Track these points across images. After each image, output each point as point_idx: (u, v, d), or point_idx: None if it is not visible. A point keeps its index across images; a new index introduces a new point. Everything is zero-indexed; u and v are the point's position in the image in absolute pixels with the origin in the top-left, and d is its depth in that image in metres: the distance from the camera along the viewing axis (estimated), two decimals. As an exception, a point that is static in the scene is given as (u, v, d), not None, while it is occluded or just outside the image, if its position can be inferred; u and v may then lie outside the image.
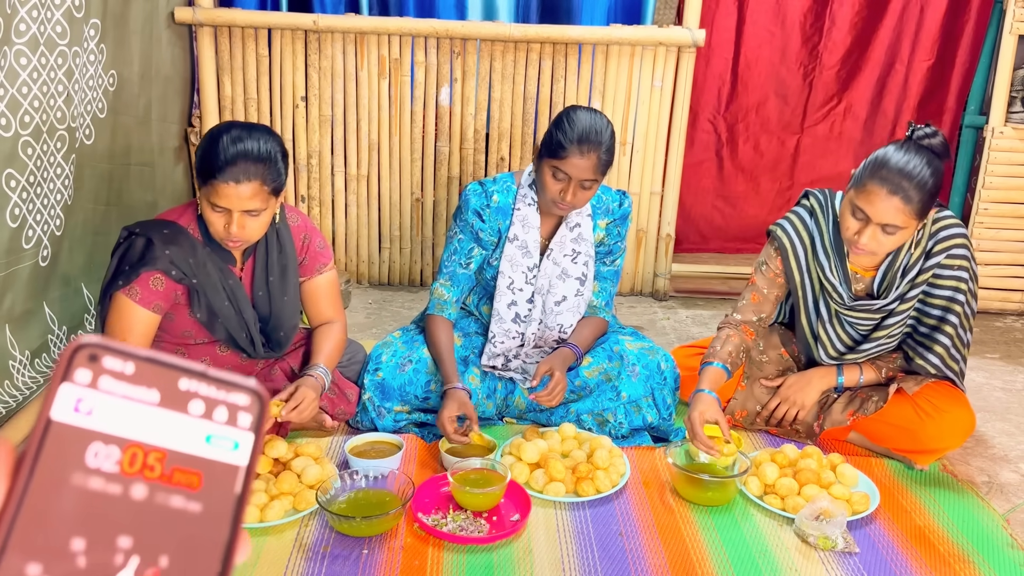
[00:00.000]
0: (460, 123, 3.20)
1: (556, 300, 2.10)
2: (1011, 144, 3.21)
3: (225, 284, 1.83)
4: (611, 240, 2.16)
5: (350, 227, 3.34)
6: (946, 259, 1.90)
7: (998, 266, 3.32)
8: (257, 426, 0.38)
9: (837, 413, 2.05)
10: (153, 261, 1.73)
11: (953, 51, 3.43)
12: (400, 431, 2.05)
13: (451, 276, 2.11)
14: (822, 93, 3.60)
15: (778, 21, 3.49)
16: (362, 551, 1.57)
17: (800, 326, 2.12)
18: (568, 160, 1.88)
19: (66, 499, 0.34)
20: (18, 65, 1.84)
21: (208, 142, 1.70)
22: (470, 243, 2.09)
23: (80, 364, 0.35)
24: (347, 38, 3.08)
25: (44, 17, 1.92)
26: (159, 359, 0.37)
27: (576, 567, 1.56)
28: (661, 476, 1.91)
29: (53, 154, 2.04)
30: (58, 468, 0.34)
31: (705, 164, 3.73)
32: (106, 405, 0.35)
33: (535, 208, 2.06)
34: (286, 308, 1.95)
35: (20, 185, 1.89)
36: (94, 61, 2.23)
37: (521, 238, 2.06)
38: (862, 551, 1.64)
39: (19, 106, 1.86)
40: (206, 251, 1.80)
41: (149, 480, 0.35)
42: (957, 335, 1.95)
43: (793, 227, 2.07)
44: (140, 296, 1.76)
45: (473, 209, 2.07)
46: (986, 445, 2.18)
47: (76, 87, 2.09)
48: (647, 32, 3.08)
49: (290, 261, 1.93)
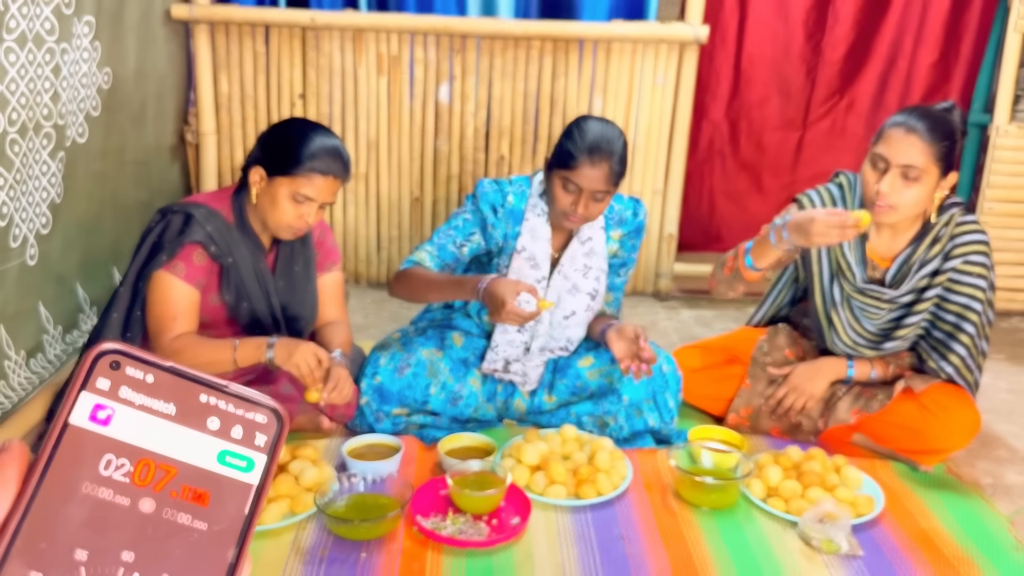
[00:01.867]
0: (460, 121, 3.17)
1: (565, 315, 2.06)
2: (1016, 142, 3.19)
3: (256, 267, 1.86)
4: (625, 252, 2.11)
5: (348, 226, 3.32)
6: (964, 264, 1.88)
7: (1003, 265, 3.29)
8: (273, 447, 0.37)
9: (842, 412, 2.03)
10: (194, 234, 1.76)
11: (957, 48, 3.41)
12: (399, 433, 2.02)
13: (439, 248, 1.98)
14: (825, 89, 3.58)
15: (781, 17, 3.46)
16: (360, 555, 1.55)
17: (813, 307, 2.09)
18: (579, 171, 1.84)
19: (74, 507, 0.34)
20: (7, 62, 1.82)
21: (299, 134, 1.77)
22: (474, 228, 2.01)
23: (101, 371, 0.35)
24: (345, 35, 3.05)
25: (33, 13, 1.90)
26: (180, 371, 0.37)
27: (577, 571, 1.53)
28: (663, 479, 1.89)
29: (39, 151, 2.02)
30: (70, 474, 0.34)
31: (708, 162, 3.71)
32: (123, 414, 0.36)
33: (545, 219, 2.01)
34: (308, 298, 1.98)
35: (8, 183, 1.87)
36: (88, 59, 2.20)
37: (529, 249, 2.01)
38: (867, 554, 1.62)
39: (7, 103, 1.83)
40: (238, 233, 1.83)
41: (158, 494, 0.35)
42: (974, 344, 1.94)
43: (820, 198, 2.04)
44: (185, 272, 1.77)
45: (489, 203, 2.01)
46: (991, 447, 2.16)
47: (65, 84, 2.07)
48: (649, 28, 3.05)
49: (312, 253, 1.98)
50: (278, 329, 1.92)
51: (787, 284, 2.24)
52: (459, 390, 2.05)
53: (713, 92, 3.60)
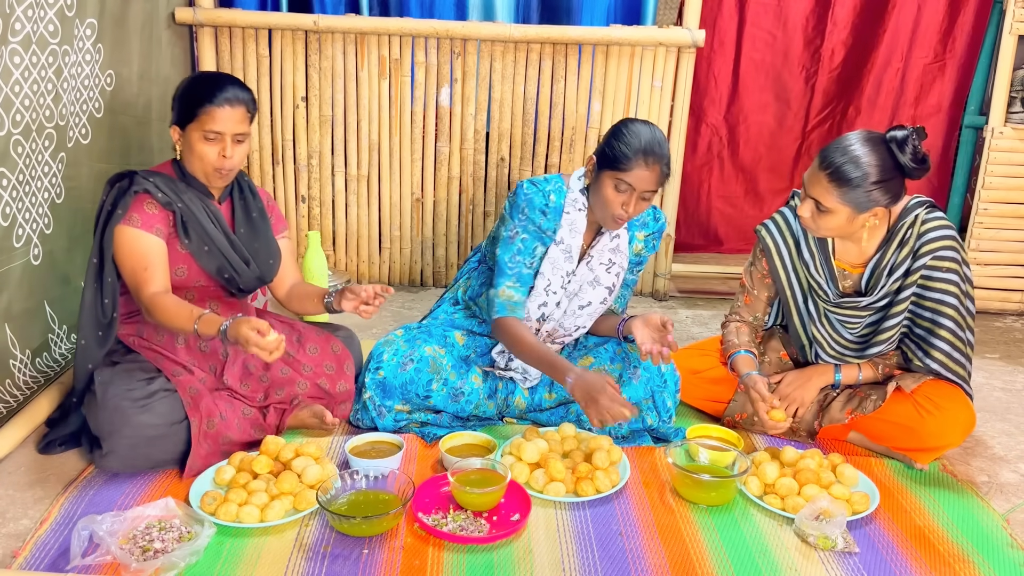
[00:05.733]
0: (460, 123, 3.20)
1: (581, 304, 2.10)
2: (1011, 144, 3.21)
3: (208, 211, 1.96)
4: (647, 252, 2.19)
5: (350, 227, 3.34)
6: (933, 260, 1.90)
7: (998, 266, 3.32)
8: None
9: (836, 411, 2.06)
10: (138, 185, 1.87)
11: (952, 50, 3.43)
12: (400, 431, 2.05)
13: (518, 277, 2.04)
14: (823, 95, 3.59)
15: (780, 23, 3.48)
16: (362, 551, 1.57)
17: (793, 327, 2.13)
18: (633, 172, 1.89)
19: None
20: (12, 64, 1.84)
21: (191, 82, 1.93)
22: (534, 242, 2.05)
23: None
24: (347, 38, 3.08)
25: (37, 16, 1.92)
26: None
27: (576, 567, 1.56)
28: (661, 476, 1.91)
29: (41, 152, 2.04)
30: None
31: (707, 167, 3.73)
32: None
33: (584, 214, 2.05)
34: (271, 242, 2.10)
35: (11, 184, 1.90)
36: (89, 61, 2.23)
37: (567, 242, 2.05)
38: (862, 551, 1.64)
39: (11, 105, 1.86)
40: (183, 184, 1.94)
41: None
42: (956, 337, 1.95)
43: (777, 227, 2.09)
44: (140, 221, 1.87)
45: (538, 208, 2.04)
46: (986, 445, 2.18)
47: (66, 86, 2.10)
48: (647, 32, 3.08)
49: (260, 204, 2.10)
50: (248, 264, 2.01)
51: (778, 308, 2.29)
52: (461, 386, 2.08)
53: (711, 98, 3.61)
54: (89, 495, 1.73)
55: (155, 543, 1.52)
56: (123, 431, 1.74)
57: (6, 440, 1.87)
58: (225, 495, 1.68)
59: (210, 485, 1.76)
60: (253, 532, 1.62)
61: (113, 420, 1.74)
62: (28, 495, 1.74)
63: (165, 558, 1.47)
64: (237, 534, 1.61)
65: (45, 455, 1.89)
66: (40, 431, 1.98)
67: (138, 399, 1.76)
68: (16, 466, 1.85)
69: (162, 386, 1.81)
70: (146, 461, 1.78)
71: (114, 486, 1.76)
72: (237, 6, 3.13)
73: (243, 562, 1.53)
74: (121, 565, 1.47)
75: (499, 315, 2.03)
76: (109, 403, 1.75)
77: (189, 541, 1.53)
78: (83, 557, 1.49)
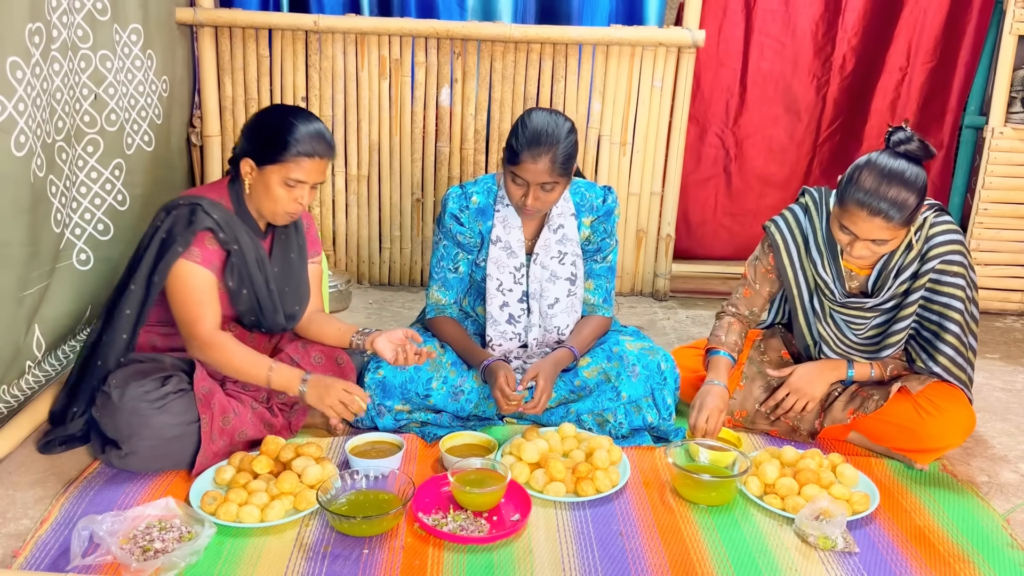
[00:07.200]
0: (460, 123, 3.20)
1: (549, 303, 2.11)
2: (1011, 144, 3.21)
3: (258, 253, 1.92)
4: (598, 237, 2.16)
5: (350, 227, 3.34)
6: (941, 264, 1.91)
7: (998, 266, 3.32)
8: None
9: (838, 411, 2.06)
10: (203, 222, 1.82)
11: (955, 52, 3.39)
12: (400, 430, 2.05)
13: (443, 282, 2.17)
14: (835, 106, 3.44)
15: (789, 31, 3.38)
16: (363, 551, 1.58)
17: (798, 326, 2.13)
18: (522, 165, 1.92)
19: None
20: (52, 72, 1.84)
21: (279, 121, 1.82)
22: (453, 248, 2.13)
23: None
24: (348, 38, 3.08)
25: (69, 21, 1.93)
26: None
27: (576, 567, 1.56)
28: (661, 476, 1.91)
29: (85, 159, 2.05)
30: None
31: (713, 180, 3.56)
32: None
33: (514, 209, 2.07)
34: (302, 285, 2.05)
35: (59, 190, 1.92)
36: (140, 67, 2.24)
37: (504, 239, 2.08)
38: (862, 551, 1.65)
39: (55, 112, 1.86)
40: (239, 221, 1.90)
41: None
42: (961, 342, 1.96)
43: (787, 224, 2.08)
44: (201, 256, 1.84)
45: (451, 213, 2.10)
46: (986, 445, 2.18)
47: (112, 92, 2.11)
48: (647, 33, 3.08)
49: (304, 241, 2.06)
50: (276, 310, 1.97)
51: (779, 306, 2.29)
52: (460, 384, 2.08)
53: (718, 108, 3.43)
54: (89, 495, 1.73)
55: (155, 543, 1.52)
56: (143, 432, 1.74)
57: (6, 440, 1.87)
58: (225, 495, 1.68)
59: (210, 485, 1.76)
60: (253, 532, 1.62)
61: (132, 423, 1.74)
62: (28, 495, 1.74)
63: (165, 558, 1.47)
64: (237, 534, 1.61)
65: (45, 455, 1.89)
66: (40, 431, 1.98)
67: (155, 400, 1.76)
68: (16, 466, 1.85)
69: (176, 386, 1.80)
70: (166, 461, 1.79)
71: (114, 486, 1.76)
72: (237, 6, 3.13)
73: (243, 562, 1.53)
74: (121, 565, 1.47)
75: (429, 316, 2.19)
76: (127, 405, 1.74)
77: (189, 541, 1.54)
78: (83, 557, 1.49)
